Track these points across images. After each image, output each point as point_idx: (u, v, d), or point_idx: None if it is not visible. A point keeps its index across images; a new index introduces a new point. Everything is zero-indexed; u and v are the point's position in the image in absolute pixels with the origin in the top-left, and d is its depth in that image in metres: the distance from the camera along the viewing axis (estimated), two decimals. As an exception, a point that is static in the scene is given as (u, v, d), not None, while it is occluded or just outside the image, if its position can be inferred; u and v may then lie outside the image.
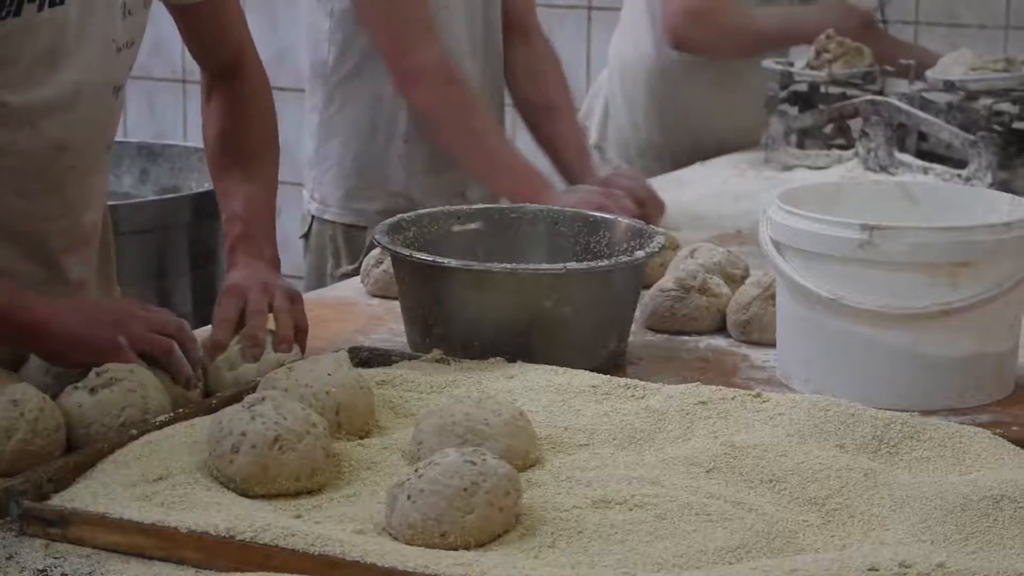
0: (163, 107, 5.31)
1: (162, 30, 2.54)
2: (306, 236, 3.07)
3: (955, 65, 3.31)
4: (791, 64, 3.55)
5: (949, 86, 3.26)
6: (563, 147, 2.97)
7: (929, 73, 3.35)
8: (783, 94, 3.50)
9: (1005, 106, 3.24)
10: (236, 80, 2.16)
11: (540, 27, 3.09)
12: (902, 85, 3.56)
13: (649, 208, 2.78)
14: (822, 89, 3.54)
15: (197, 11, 2.09)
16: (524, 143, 3.06)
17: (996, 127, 3.17)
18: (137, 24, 1.98)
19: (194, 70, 2.20)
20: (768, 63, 3.54)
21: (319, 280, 3.02)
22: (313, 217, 3.03)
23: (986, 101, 3.20)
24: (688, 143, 3.76)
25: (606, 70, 3.92)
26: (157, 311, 1.88)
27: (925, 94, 3.32)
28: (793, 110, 3.55)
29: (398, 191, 2.94)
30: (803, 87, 3.52)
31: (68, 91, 1.90)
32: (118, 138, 2.30)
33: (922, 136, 3.35)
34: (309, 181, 3.02)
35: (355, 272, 2.92)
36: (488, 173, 2.85)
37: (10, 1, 1.80)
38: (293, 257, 3.32)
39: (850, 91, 3.46)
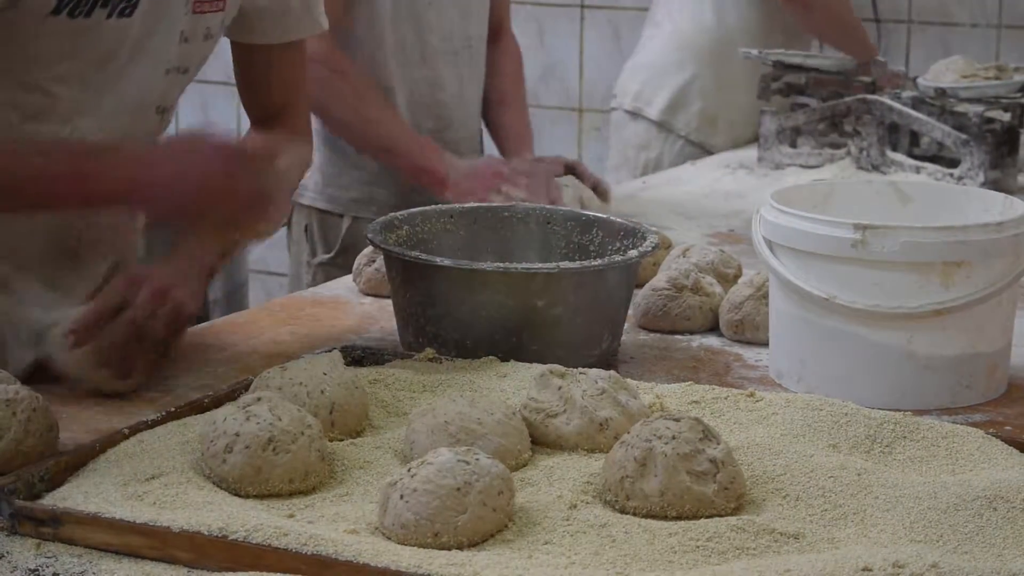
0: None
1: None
2: (288, 224, 3.09)
3: (947, 72, 3.31)
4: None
5: (940, 94, 3.26)
6: (505, 134, 3.08)
7: (921, 80, 3.35)
8: (776, 85, 3.51)
9: (996, 113, 3.24)
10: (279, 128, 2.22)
11: (511, 28, 3.19)
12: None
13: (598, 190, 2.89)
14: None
15: (252, 54, 2.17)
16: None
17: (987, 134, 3.17)
18: (194, 52, 2.02)
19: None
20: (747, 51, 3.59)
21: (298, 268, 3.06)
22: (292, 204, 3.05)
23: (977, 108, 3.21)
24: None
25: None
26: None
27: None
28: (785, 103, 3.55)
29: (370, 180, 2.96)
30: (798, 79, 3.53)
31: (110, 99, 1.95)
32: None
33: (914, 136, 3.36)
34: None
35: (331, 261, 2.97)
36: (385, 152, 2.91)
37: (86, 2, 1.85)
38: (279, 249, 3.34)
39: (842, 85, 3.48)
